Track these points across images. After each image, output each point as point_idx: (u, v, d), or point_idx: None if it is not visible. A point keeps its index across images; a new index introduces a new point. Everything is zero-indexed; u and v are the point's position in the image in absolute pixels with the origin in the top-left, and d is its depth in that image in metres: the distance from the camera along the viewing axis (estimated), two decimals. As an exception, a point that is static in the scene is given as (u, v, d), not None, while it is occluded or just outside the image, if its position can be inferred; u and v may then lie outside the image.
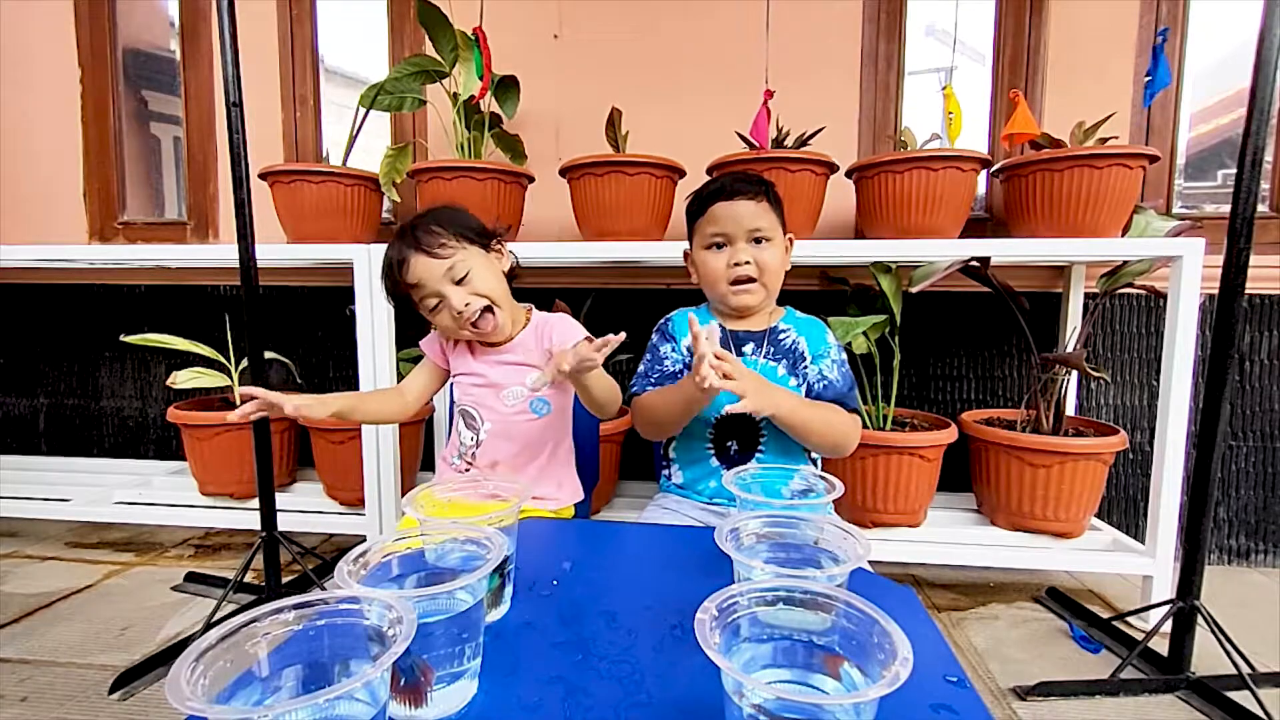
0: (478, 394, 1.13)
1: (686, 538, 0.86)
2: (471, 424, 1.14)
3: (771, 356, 1.12)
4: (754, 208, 1.07)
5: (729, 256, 1.08)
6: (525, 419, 1.12)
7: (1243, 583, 1.83)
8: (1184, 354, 1.47)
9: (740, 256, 1.06)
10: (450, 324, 1.04)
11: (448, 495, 0.70)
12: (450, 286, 1.02)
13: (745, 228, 1.06)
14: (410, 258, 1.02)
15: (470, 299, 1.02)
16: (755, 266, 1.07)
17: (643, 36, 2.01)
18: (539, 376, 1.06)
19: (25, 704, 1.24)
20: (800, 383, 1.11)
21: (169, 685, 0.35)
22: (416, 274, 1.02)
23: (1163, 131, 1.88)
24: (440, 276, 1.01)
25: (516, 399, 1.11)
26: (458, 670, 0.49)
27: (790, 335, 1.13)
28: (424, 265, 1.01)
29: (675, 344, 1.16)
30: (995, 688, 1.32)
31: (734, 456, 1.11)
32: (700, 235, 1.11)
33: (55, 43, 2.24)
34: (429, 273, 1.01)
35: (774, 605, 0.47)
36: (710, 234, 1.09)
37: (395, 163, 1.83)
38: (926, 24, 1.99)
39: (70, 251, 1.92)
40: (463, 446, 1.15)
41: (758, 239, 1.08)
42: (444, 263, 1.01)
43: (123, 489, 2.01)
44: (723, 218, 1.07)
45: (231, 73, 1.33)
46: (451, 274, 1.01)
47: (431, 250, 1.01)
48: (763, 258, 1.07)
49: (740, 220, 1.06)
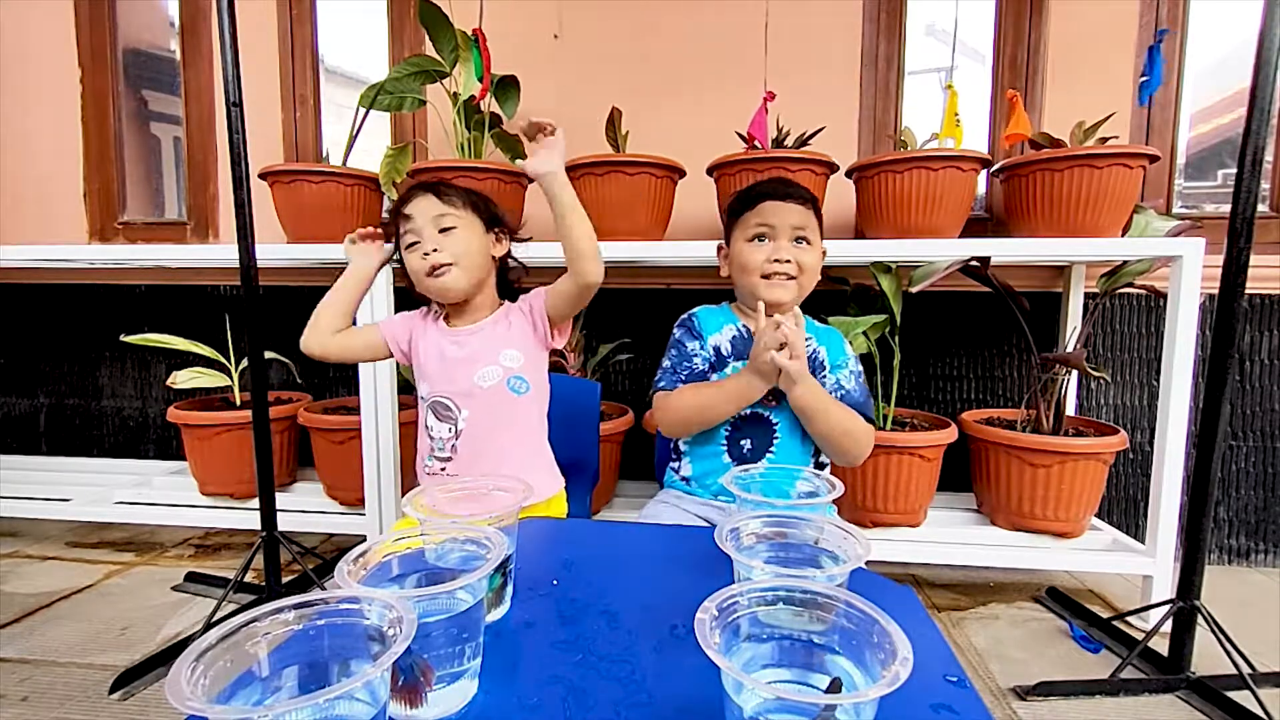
0: (445, 379, 1.10)
1: (686, 538, 0.86)
2: (446, 415, 1.10)
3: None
4: (802, 211, 1.10)
5: (770, 251, 1.10)
6: (504, 398, 1.10)
7: (1243, 582, 1.83)
8: (1184, 354, 1.47)
9: (782, 253, 1.09)
10: (418, 265, 1.08)
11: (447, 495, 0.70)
12: (432, 230, 1.07)
13: (791, 223, 1.09)
14: (417, 193, 1.09)
15: (442, 247, 1.07)
16: (795, 265, 1.10)
17: (643, 36, 2.01)
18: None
19: (25, 704, 1.24)
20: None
21: (169, 685, 0.35)
22: (414, 206, 1.08)
23: (1163, 131, 1.88)
24: (430, 218, 1.07)
25: (490, 379, 1.09)
26: (458, 670, 0.49)
27: (811, 344, 1.13)
28: (424, 203, 1.08)
29: (703, 341, 1.16)
30: (995, 687, 1.32)
31: (746, 455, 1.11)
32: (744, 227, 1.13)
33: (55, 43, 2.24)
34: (423, 211, 1.07)
35: (774, 605, 0.47)
36: (755, 224, 1.11)
37: (395, 163, 1.83)
38: (926, 24, 1.99)
39: (70, 251, 1.93)
40: (437, 443, 1.11)
41: (800, 239, 1.10)
42: (440, 208, 1.07)
43: (123, 489, 2.01)
44: (771, 213, 1.10)
45: (231, 73, 1.33)
46: (439, 221, 1.07)
47: (437, 193, 1.08)
48: (803, 258, 1.10)
49: (788, 216, 1.09)
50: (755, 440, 1.11)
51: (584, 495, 1.30)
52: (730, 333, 1.16)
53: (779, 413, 1.11)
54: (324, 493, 1.91)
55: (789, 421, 1.10)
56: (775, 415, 1.11)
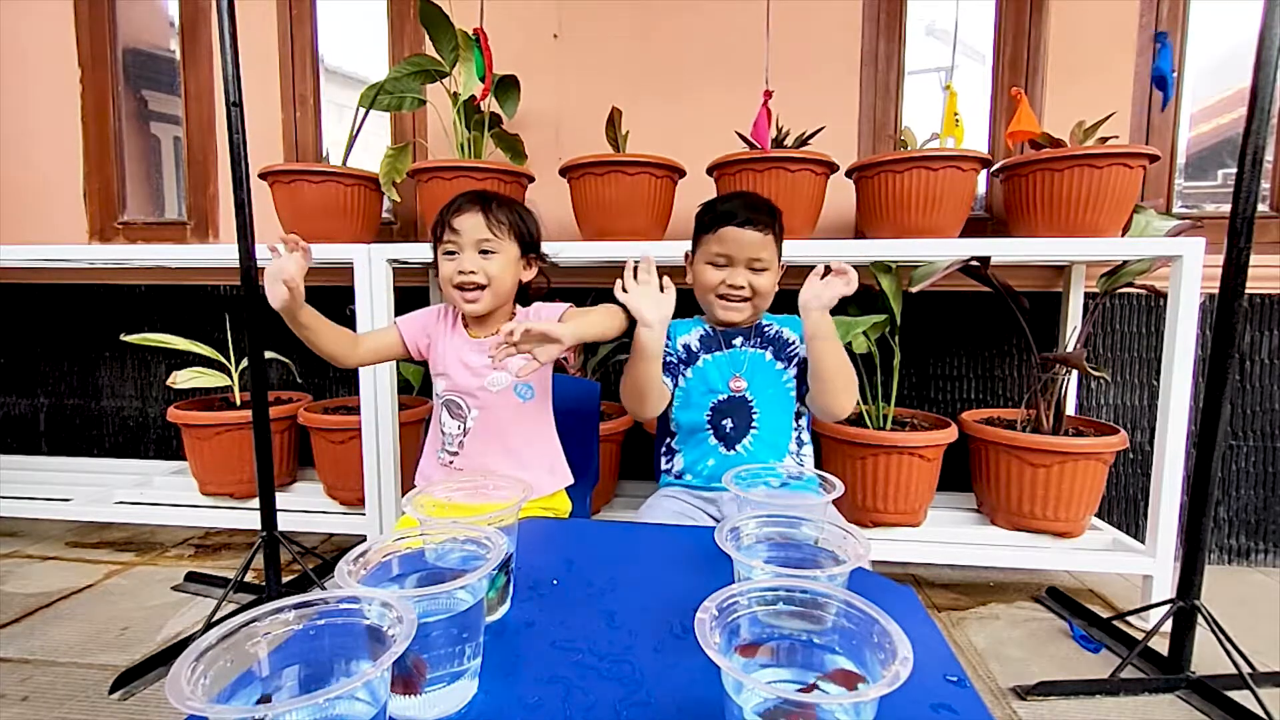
0: (462, 380, 1.15)
1: (686, 538, 0.86)
2: (458, 413, 1.16)
3: (759, 345, 1.21)
4: (760, 239, 1.14)
5: (726, 276, 1.16)
6: (511, 403, 1.15)
7: (1243, 582, 1.83)
8: (1184, 354, 1.47)
9: (738, 280, 1.15)
10: (449, 273, 1.11)
11: (447, 495, 0.70)
12: (473, 251, 1.10)
13: (747, 255, 1.14)
14: (471, 208, 1.11)
15: (479, 270, 1.10)
16: (750, 289, 1.16)
17: (643, 36, 2.01)
18: (513, 363, 1.07)
19: (26, 703, 1.24)
20: (787, 366, 1.20)
21: (169, 685, 0.35)
22: (462, 220, 1.10)
23: (1163, 131, 1.88)
24: (474, 240, 1.10)
25: (499, 384, 1.14)
26: (458, 670, 0.49)
27: (774, 328, 1.23)
28: (472, 219, 1.10)
29: (671, 341, 1.22)
30: (995, 687, 1.32)
31: (730, 434, 1.18)
32: (704, 250, 1.18)
33: (55, 43, 2.24)
34: (469, 230, 1.10)
35: (774, 605, 0.47)
36: (714, 252, 1.16)
37: (395, 162, 1.82)
38: (926, 23, 1.99)
39: (70, 251, 1.92)
40: (448, 438, 1.17)
41: (756, 267, 1.16)
42: (485, 232, 1.10)
43: (123, 489, 2.01)
44: (729, 241, 1.14)
45: (231, 73, 1.33)
46: (483, 244, 1.10)
47: (488, 214, 1.10)
48: (758, 282, 1.16)
49: (744, 248, 1.14)
50: (736, 419, 1.18)
51: (584, 495, 1.30)
52: (698, 332, 1.24)
53: (754, 389, 1.18)
54: (324, 493, 1.91)
55: (766, 398, 1.18)
56: (750, 393, 1.18)
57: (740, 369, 1.19)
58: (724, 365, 1.20)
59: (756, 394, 1.18)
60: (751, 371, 1.19)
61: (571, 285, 2.04)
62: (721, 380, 1.19)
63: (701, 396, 1.19)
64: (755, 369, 1.19)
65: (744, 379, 1.18)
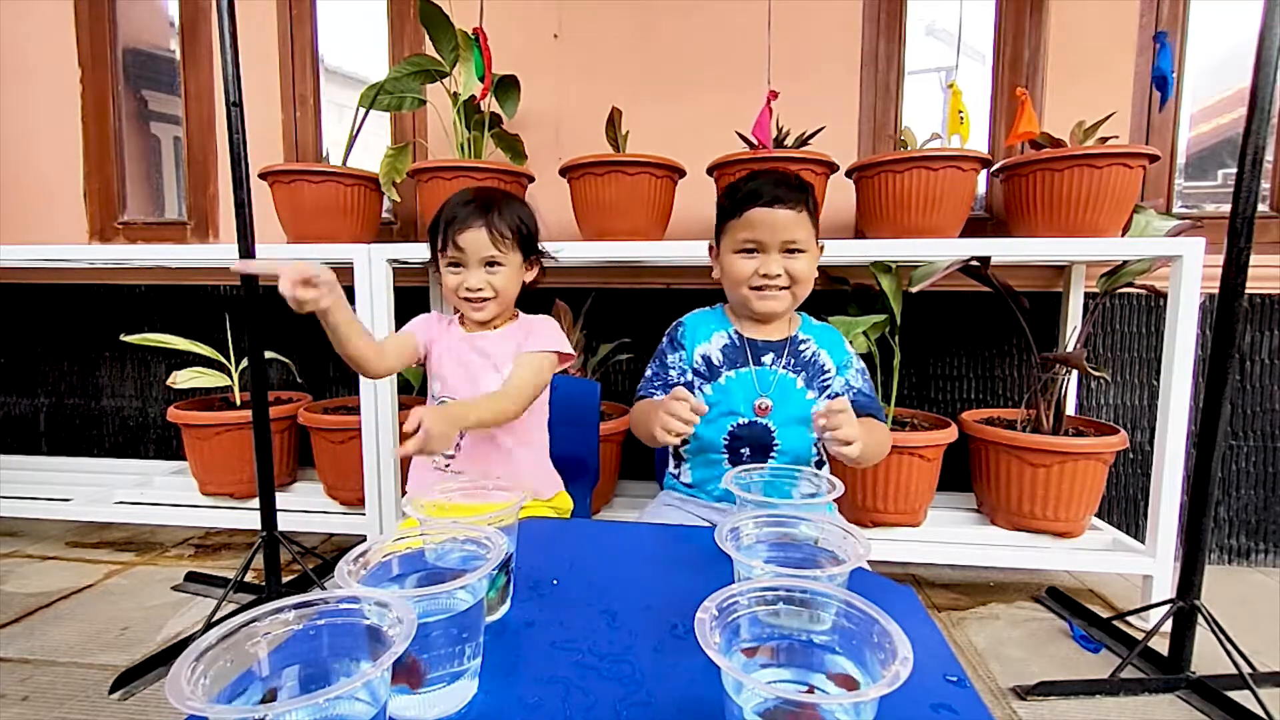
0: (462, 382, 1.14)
1: (686, 537, 0.86)
2: None
3: (792, 368, 1.08)
4: (793, 218, 1.01)
5: (759, 265, 1.03)
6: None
7: (1243, 582, 1.83)
8: (1184, 354, 1.47)
9: (772, 268, 1.02)
10: (454, 284, 1.12)
11: (446, 495, 0.70)
12: (478, 267, 1.10)
13: (780, 238, 1.01)
14: (474, 225, 1.08)
15: (485, 285, 1.10)
16: (786, 276, 1.03)
17: (643, 36, 2.01)
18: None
19: (26, 703, 1.24)
20: (818, 395, 1.08)
21: (169, 685, 0.35)
22: (466, 238, 1.09)
23: (1163, 131, 1.88)
24: (480, 256, 1.09)
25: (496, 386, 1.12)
26: (458, 670, 0.49)
27: (810, 346, 1.10)
28: (476, 236, 1.08)
29: (685, 352, 1.12)
30: (995, 687, 1.32)
31: (746, 461, 1.08)
32: (731, 237, 1.05)
33: (55, 43, 2.24)
34: (475, 246, 1.09)
35: (774, 605, 0.47)
36: (742, 239, 1.03)
37: (395, 162, 1.82)
38: (926, 23, 1.99)
39: (70, 251, 1.92)
40: None
41: (791, 250, 1.03)
42: (490, 249, 1.09)
43: (123, 489, 2.01)
44: (759, 225, 1.02)
45: (231, 73, 1.33)
46: (488, 258, 1.10)
47: (492, 229, 1.09)
48: (795, 267, 1.03)
49: (776, 230, 1.01)
50: (754, 448, 1.08)
51: (584, 495, 1.30)
52: (721, 340, 1.11)
53: (777, 416, 1.07)
54: (324, 493, 1.91)
55: (790, 428, 1.07)
56: (774, 421, 1.07)
57: (768, 390, 1.06)
58: (749, 385, 1.07)
59: (780, 423, 1.06)
60: (779, 396, 1.06)
61: (572, 285, 2.04)
62: (745, 403, 1.06)
63: (721, 417, 1.07)
64: (783, 394, 1.06)
65: (770, 399, 1.06)
